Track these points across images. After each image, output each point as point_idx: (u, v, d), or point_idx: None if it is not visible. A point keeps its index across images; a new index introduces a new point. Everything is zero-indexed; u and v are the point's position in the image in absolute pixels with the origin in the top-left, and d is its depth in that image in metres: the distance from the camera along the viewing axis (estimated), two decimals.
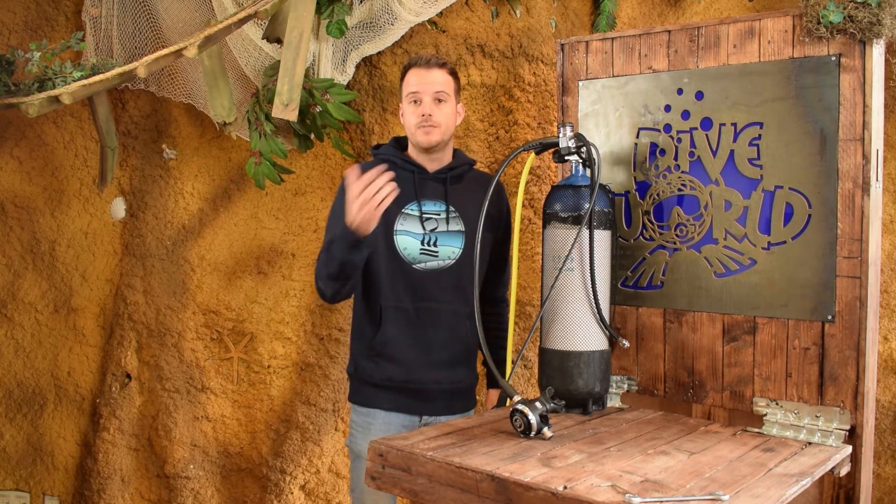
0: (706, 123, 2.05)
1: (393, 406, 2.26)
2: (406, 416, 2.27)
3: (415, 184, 2.26)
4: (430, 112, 2.21)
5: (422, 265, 2.23)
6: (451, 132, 2.28)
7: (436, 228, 2.25)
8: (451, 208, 2.26)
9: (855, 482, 1.85)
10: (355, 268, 2.13)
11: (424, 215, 2.25)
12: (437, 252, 2.23)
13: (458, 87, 2.30)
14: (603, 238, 2.04)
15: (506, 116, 3.04)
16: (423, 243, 2.23)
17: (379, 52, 3.02)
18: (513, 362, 2.22)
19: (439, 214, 2.26)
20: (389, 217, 2.22)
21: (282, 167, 2.96)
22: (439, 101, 2.23)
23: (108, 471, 3.28)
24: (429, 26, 3.01)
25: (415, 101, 2.23)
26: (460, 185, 2.31)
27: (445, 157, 2.32)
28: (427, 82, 2.22)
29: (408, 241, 2.23)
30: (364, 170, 2.28)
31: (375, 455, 1.77)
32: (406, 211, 2.24)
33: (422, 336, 2.23)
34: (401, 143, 2.36)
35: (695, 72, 2.05)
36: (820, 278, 1.88)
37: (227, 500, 3.30)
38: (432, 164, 2.29)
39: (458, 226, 2.27)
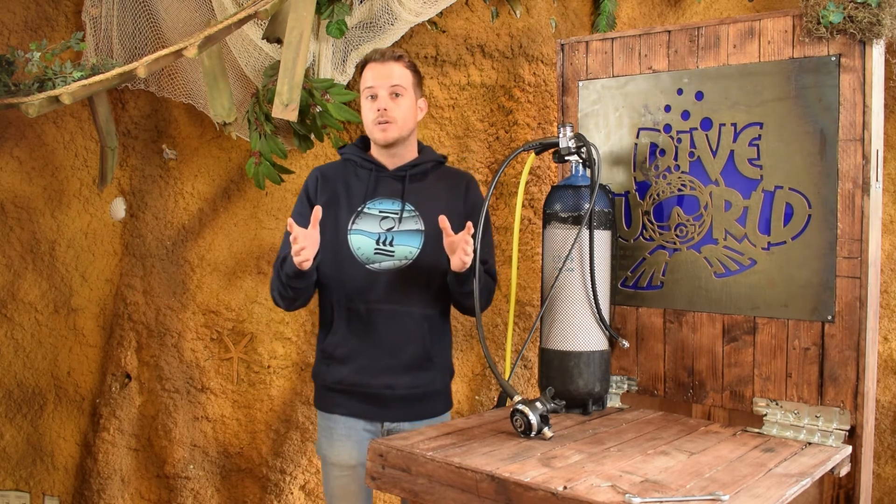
0: (706, 124, 2.05)
1: (349, 412, 2.19)
2: (366, 422, 2.19)
3: (369, 182, 2.20)
4: (386, 106, 2.13)
5: (376, 265, 2.14)
6: (410, 127, 2.20)
7: (392, 228, 2.16)
8: (409, 206, 2.18)
9: (855, 482, 1.85)
10: (302, 290, 2.15)
11: (381, 214, 2.18)
12: (392, 252, 2.15)
13: (417, 81, 2.22)
14: (603, 238, 2.05)
15: (506, 116, 3.04)
16: (378, 243, 2.15)
17: None
18: (513, 361, 2.22)
19: (395, 213, 2.18)
20: (343, 216, 2.18)
21: (282, 167, 2.96)
22: (396, 94, 2.15)
23: (108, 471, 3.28)
24: (429, 26, 3.01)
25: (371, 97, 2.16)
26: (422, 182, 2.23)
27: (408, 154, 2.24)
28: (383, 76, 2.14)
29: (362, 240, 2.16)
30: (325, 170, 2.27)
31: (375, 455, 1.77)
32: (361, 210, 2.18)
33: (373, 339, 2.15)
34: (366, 141, 2.30)
35: (695, 72, 2.06)
36: (820, 278, 1.88)
37: (227, 500, 3.30)
38: (393, 161, 2.22)
39: (416, 225, 2.17)
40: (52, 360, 3.33)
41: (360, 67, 2.22)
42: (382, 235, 2.16)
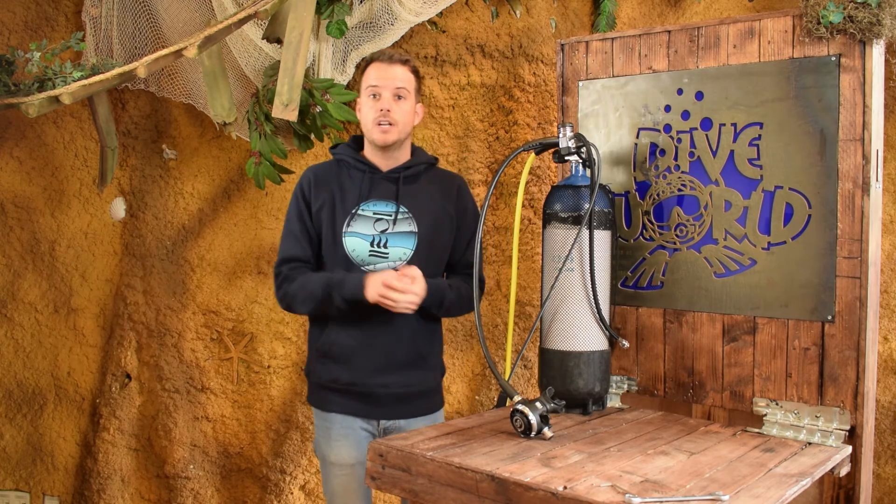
0: (706, 124, 2.05)
1: (345, 410, 2.21)
2: (362, 420, 2.22)
3: (362, 184, 2.21)
4: (389, 107, 2.15)
5: (370, 267, 2.17)
6: (408, 131, 2.22)
7: (386, 230, 2.18)
8: (403, 209, 2.20)
9: (855, 482, 1.85)
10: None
11: (375, 216, 2.19)
12: (387, 253, 2.17)
13: (418, 87, 2.25)
14: (603, 238, 2.04)
15: (506, 116, 3.04)
16: (372, 245, 2.17)
17: None
18: (513, 361, 2.22)
19: (389, 215, 2.19)
20: (338, 218, 2.19)
21: (282, 167, 2.96)
22: (399, 97, 2.17)
23: (108, 471, 3.28)
24: (429, 26, 3.01)
25: (374, 96, 2.17)
26: (415, 184, 2.24)
27: (402, 156, 2.25)
28: (388, 77, 2.17)
29: (356, 242, 2.17)
30: (318, 171, 2.27)
31: (375, 455, 1.77)
32: (356, 212, 2.19)
33: (367, 339, 2.18)
34: (358, 141, 2.30)
35: (695, 72, 2.06)
36: (820, 278, 1.88)
37: (227, 500, 3.30)
38: (387, 163, 2.23)
39: (409, 227, 2.19)
40: (52, 360, 3.33)
41: (364, 66, 2.23)
42: (377, 237, 2.18)
